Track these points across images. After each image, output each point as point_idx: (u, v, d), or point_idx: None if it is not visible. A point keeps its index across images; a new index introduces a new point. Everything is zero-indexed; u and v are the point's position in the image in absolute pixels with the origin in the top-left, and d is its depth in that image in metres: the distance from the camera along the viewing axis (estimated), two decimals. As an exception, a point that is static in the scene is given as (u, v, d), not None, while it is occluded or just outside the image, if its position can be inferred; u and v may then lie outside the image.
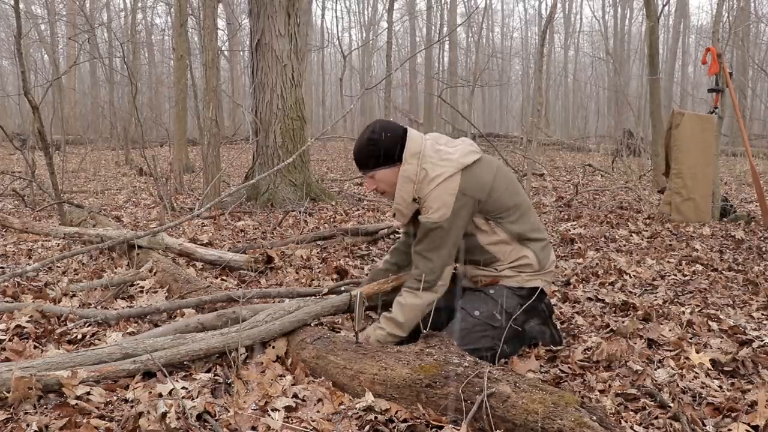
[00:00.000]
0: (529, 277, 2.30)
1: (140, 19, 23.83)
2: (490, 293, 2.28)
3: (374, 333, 2.31)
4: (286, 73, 6.29)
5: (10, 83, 26.02)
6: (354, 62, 28.96)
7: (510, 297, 2.27)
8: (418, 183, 2.19)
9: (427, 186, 2.17)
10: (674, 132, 5.53)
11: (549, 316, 2.50)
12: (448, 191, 2.16)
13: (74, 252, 3.59)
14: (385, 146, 2.23)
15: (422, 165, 2.19)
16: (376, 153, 2.24)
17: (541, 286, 2.32)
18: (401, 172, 2.21)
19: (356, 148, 2.31)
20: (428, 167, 2.19)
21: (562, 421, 1.48)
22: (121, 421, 1.71)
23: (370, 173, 2.28)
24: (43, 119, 4.82)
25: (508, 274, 2.30)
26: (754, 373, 2.16)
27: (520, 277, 2.30)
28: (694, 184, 5.47)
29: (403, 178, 2.21)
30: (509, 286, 2.29)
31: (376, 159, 2.24)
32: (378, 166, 2.25)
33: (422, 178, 2.18)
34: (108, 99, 16.31)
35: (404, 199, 2.23)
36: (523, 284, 2.29)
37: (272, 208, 6.06)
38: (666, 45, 27.46)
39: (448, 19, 25.00)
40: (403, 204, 2.24)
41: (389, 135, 2.24)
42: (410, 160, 2.20)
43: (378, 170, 2.26)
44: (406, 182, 2.20)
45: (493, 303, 2.25)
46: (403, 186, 2.21)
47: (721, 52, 5.52)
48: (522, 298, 2.27)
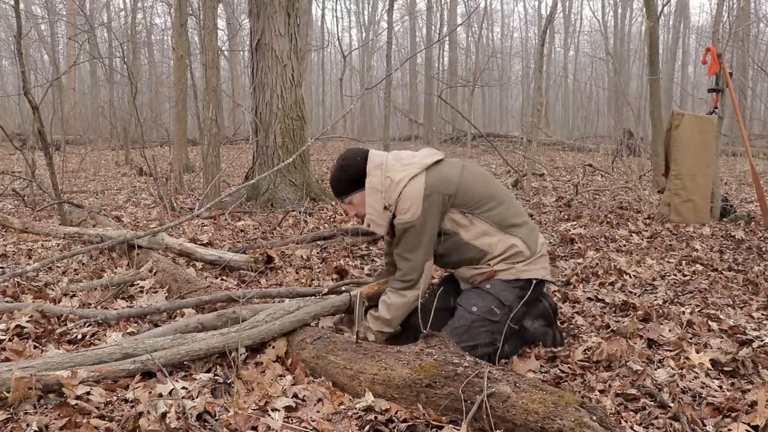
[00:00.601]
0: (524, 267, 2.31)
1: (140, 19, 23.83)
2: (486, 288, 2.29)
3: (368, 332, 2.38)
4: (286, 73, 6.28)
5: (10, 83, 26.02)
6: (354, 62, 28.97)
7: (506, 290, 2.28)
8: (385, 191, 2.27)
9: (395, 191, 2.26)
10: (674, 133, 5.52)
11: (554, 317, 2.50)
12: (416, 191, 2.24)
13: (74, 252, 3.59)
14: (356, 170, 2.33)
15: (386, 174, 2.29)
16: (349, 178, 2.34)
17: (537, 277, 2.32)
18: (367, 184, 2.30)
19: (331, 179, 2.41)
20: (392, 174, 2.28)
21: (562, 421, 1.48)
22: (121, 421, 1.71)
23: (347, 198, 2.38)
24: (43, 119, 4.82)
25: (501, 267, 2.31)
26: (754, 373, 2.16)
27: (514, 268, 2.31)
28: (694, 185, 5.47)
29: (370, 190, 2.30)
30: (505, 279, 2.30)
31: (349, 184, 2.35)
32: (353, 190, 2.35)
33: (388, 185, 2.27)
34: (108, 99, 16.30)
35: (375, 208, 2.30)
36: (519, 275, 2.30)
37: (272, 208, 6.06)
38: (666, 45, 27.45)
39: (448, 19, 25.01)
40: (375, 214, 2.31)
41: (358, 159, 2.35)
42: (374, 172, 2.30)
43: (354, 194, 2.36)
44: (373, 193, 2.29)
45: (490, 298, 2.26)
46: (371, 196, 2.30)
47: (721, 52, 5.52)
48: (520, 289, 2.28)
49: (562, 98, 32.25)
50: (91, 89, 23.70)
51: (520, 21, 45.50)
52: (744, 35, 17.20)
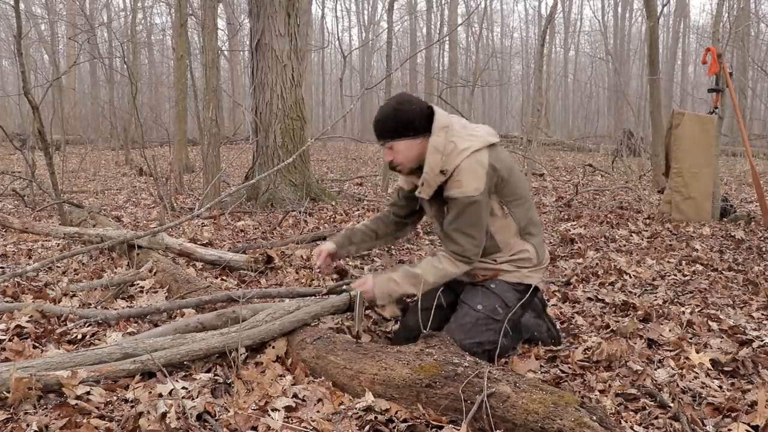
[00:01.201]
0: (529, 272, 2.32)
1: (140, 19, 23.83)
2: (491, 287, 2.29)
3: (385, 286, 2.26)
4: (286, 73, 6.28)
5: (10, 83, 26.02)
6: (354, 62, 28.96)
7: (510, 291, 2.28)
8: (446, 155, 2.19)
9: (456, 158, 2.18)
10: (674, 132, 5.53)
11: (543, 309, 2.52)
12: (480, 165, 2.17)
13: (74, 252, 3.58)
14: (409, 118, 2.24)
15: (450, 138, 2.20)
16: (399, 123, 2.24)
17: (536, 283, 2.34)
18: (430, 143, 2.21)
19: (378, 117, 2.29)
20: (456, 140, 2.20)
21: (562, 421, 1.48)
22: (121, 421, 1.71)
23: (390, 143, 2.27)
24: (43, 119, 4.82)
25: (507, 268, 2.30)
26: (754, 373, 2.16)
27: (519, 272, 2.30)
28: (695, 183, 5.47)
29: (432, 149, 2.21)
30: (509, 281, 2.30)
31: (397, 129, 2.25)
32: (399, 136, 2.25)
33: (450, 150, 2.19)
34: (108, 99, 16.30)
35: (432, 169, 2.22)
36: (522, 280, 2.30)
37: (272, 208, 6.05)
38: (666, 45, 27.46)
39: (448, 19, 25.01)
40: (431, 174, 2.23)
41: (414, 107, 2.26)
42: (439, 132, 2.21)
43: (398, 141, 2.26)
44: (434, 153, 2.21)
45: (495, 297, 2.26)
46: (431, 156, 2.21)
47: (721, 52, 5.52)
48: (520, 293, 2.29)
49: (562, 98, 32.25)
50: (91, 89, 23.70)
51: (520, 21, 45.51)
52: (744, 35, 17.20)
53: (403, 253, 4.23)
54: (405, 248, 4.41)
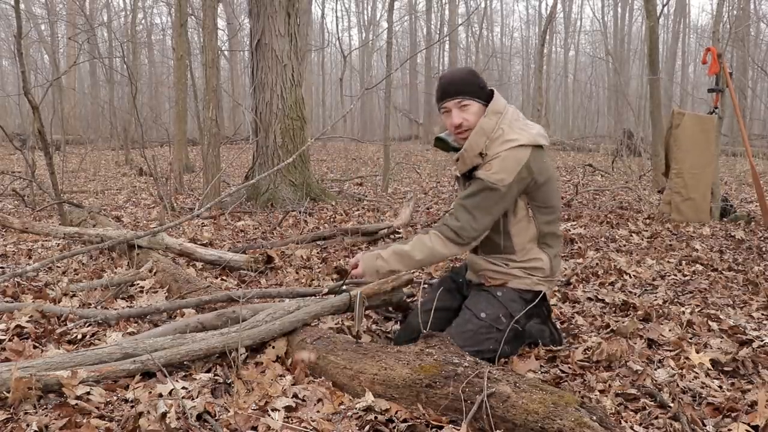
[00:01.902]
0: (539, 281, 2.29)
1: (140, 19, 23.83)
2: (497, 296, 2.26)
3: (371, 264, 2.26)
4: (286, 73, 6.28)
5: (10, 83, 26.02)
6: (354, 62, 28.96)
7: (516, 300, 2.25)
8: (491, 140, 2.18)
9: (500, 146, 2.16)
10: (674, 132, 5.53)
11: (548, 315, 2.50)
12: (517, 158, 2.14)
13: (74, 252, 3.59)
14: (483, 84, 2.25)
15: (500, 125, 2.19)
16: (478, 84, 2.23)
17: (545, 291, 2.32)
18: (480, 123, 2.20)
19: (455, 75, 2.26)
20: (505, 128, 2.19)
21: (562, 421, 1.48)
22: (121, 421, 1.71)
23: (467, 101, 2.22)
24: (43, 119, 4.82)
25: (518, 274, 2.28)
26: (754, 373, 2.16)
27: (530, 279, 2.28)
28: (694, 184, 5.47)
29: (479, 129, 2.19)
30: (517, 288, 2.27)
31: (475, 88, 2.23)
32: (476, 96, 2.23)
33: (497, 136, 2.18)
34: (108, 99, 16.30)
35: (473, 149, 2.21)
36: (532, 287, 2.28)
37: (272, 208, 6.05)
38: (666, 45, 27.46)
39: (448, 19, 25.02)
40: (470, 153, 2.21)
41: (483, 79, 2.27)
42: (491, 115, 2.20)
43: (475, 101, 2.23)
44: (480, 134, 2.19)
45: (499, 306, 2.23)
46: (476, 136, 2.20)
47: (721, 52, 5.52)
48: (526, 302, 2.27)
49: (562, 98, 32.25)
50: (91, 89, 23.70)
51: (520, 21, 45.52)
52: (744, 35, 17.19)
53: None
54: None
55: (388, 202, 6.82)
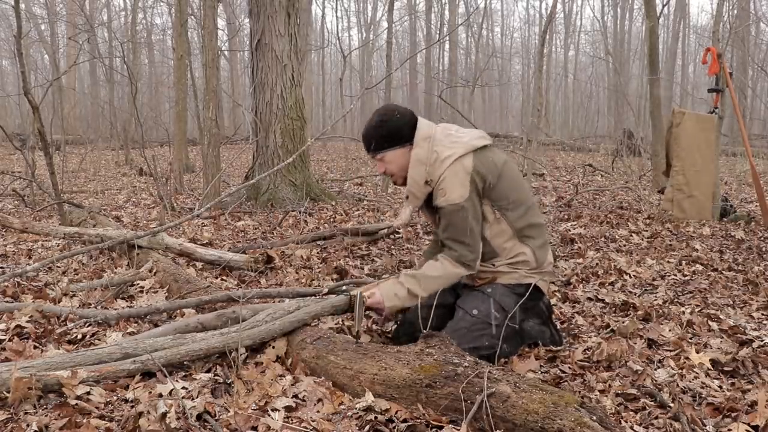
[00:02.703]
0: (527, 274, 2.31)
1: (140, 19, 23.83)
2: (487, 292, 2.28)
3: (389, 288, 2.26)
4: (286, 73, 6.28)
5: (10, 83, 26.02)
6: (354, 62, 28.96)
7: (507, 295, 2.27)
8: (430, 165, 2.21)
9: (440, 167, 2.19)
10: (675, 130, 5.54)
11: (549, 316, 2.50)
12: (463, 170, 2.18)
13: (74, 252, 3.59)
14: (395, 127, 2.26)
15: (433, 148, 2.22)
16: (386, 134, 2.27)
17: (535, 282, 2.32)
18: (413, 156, 2.23)
19: (366, 130, 2.32)
20: (439, 149, 2.21)
21: (562, 421, 1.48)
22: (121, 421, 1.71)
23: (380, 155, 2.30)
24: (43, 119, 4.82)
25: (504, 270, 2.30)
26: (754, 373, 2.16)
27: (517, 273, 2.30)
28: (696, 182, 5.48)
29: (414, 161, 2.23)
30: (506, 284, 2.29)
31: (385, 140, 2.27)
32: (388, 147, 2.27)
33: (434, 160, 2.21)
34: (108, 99, 16.30)
35: (416, 181, 2.24)
36: (520, 281, 2.30)
37: (272, 208, 6.05)
38: (666, 45, 27.46)
39: (448, 19, 25.02)
40: (416, 186, 2.25)
41: (398, 117, 2.28)
42: (421, 143, 2.23)
43: (388, 151, 2.28)
44: (417, 165, 2.23)
45: (491, 302, 2.25)
46: (414, 168, 2.23)
47: (721, 52, 5.52)
48: (519, 296, 2.27)
49: (562, 98, 32.25)
50: (91, 89, 23.70)
51: (520, 21, 45.53)
52: (744, 35, 17.20)
53: (403, 253, 4.23)
54: (405, 248, 4.41)
55: (388, 202, 6.82)
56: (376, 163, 2.37)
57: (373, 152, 2.32)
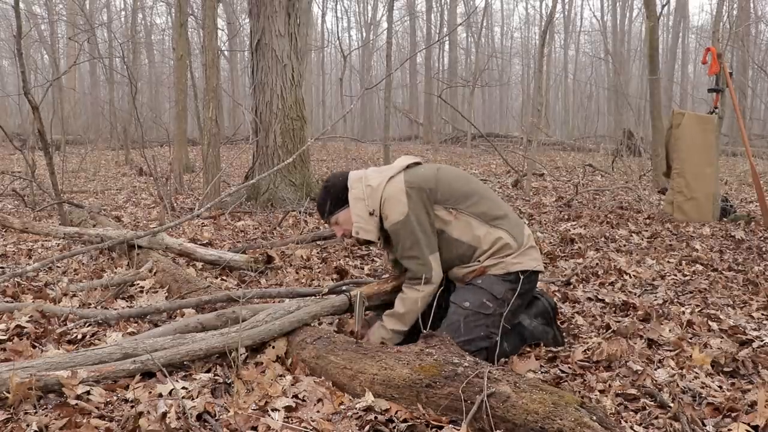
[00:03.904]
0: (513, 259, 2.31)
1: (140, 19, 23.83)
2: (477, 283, 2.30)
3: (377, 333, 2.36)
4: (286, 73, 6.28)
5: (10, 83, 26.02)
6: (354, 62, 28.95)
7: (497, 283, 2.28)
8: (368, 197, 2.33)
9: (376, 194, 2.32)
10: (675, 132, 5.53)
11: (553, 316, 2.50)
12: (397, 189, 2.30)
13: (74, 252, 3.59)
14: (338, 190, 2.42)
15: (366, 183, 2.36)
16: (330, 199, 2.42)
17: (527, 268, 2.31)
18: (351, 197, 2.38)
19: (317, 203, 2.50)
20: (371, 182, 2.36)
21: (562, 421, 1.48)
22: (121, 421, 1.71)
23: (333, 218, 2.45)
24: (43, 119, 4.81)
25: (491, 262, 2.32)
26: (754, 373, 2.16)
27: (503, 262, 2.31)
28: (696, 184, 5.47)
29: (353, 200, 2.37)
30: (495, 274, 2.31)
31: (332, 203, 2.42)
32: (336, 209, 2.42)
33: (369, 192, 2.34)
34: (108, 99, 16.29)
35: (361, 216, 2.35)
36: (509, 269, 2.30)
37: (272, 208, 6.05)
38: (666, 45, 27.46)
39: (448, 19, 25.01)
40: (362, 221, 2.35)
41: (339, 180, 2.44)
42: (355, 184, 2.39)
43: (337, 213, 2.42)
44: (357, 202, 2.36)
45: (482, 292, 2.27)
46: (355, 205, 2.36)
47: (721, 52, 5.52)
48: (511, 283, 2.28)
49: (562, 98, 32.25)
50: (91, 89, 23.69)
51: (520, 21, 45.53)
52: (744, 35, 17.19)
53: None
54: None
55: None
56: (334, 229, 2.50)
57: (327, 218, 2.47)
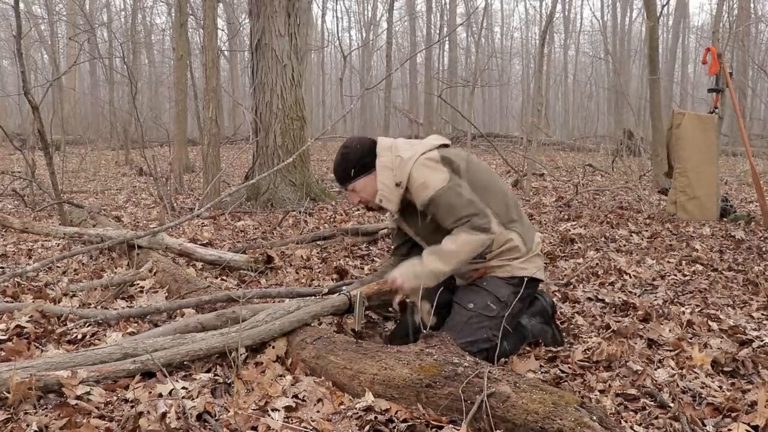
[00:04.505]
0: (519, 264, 2.31)
1: (140, 19, 23.82)
2: (482, 285, 2.30)
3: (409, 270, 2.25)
4: (286, 73, 6.28)
5: (10, 83, 26.02)
6: (354, 62, 28.95)
7: (502, 286, 2.28)
8: (396, 168, 2.27)
9: (406, 166, 2.25)
10: (675, 131, 5.54)
11: (552, 315, 2.50)
12: (431, 160, 2.24)
13: (74, 252, 3.59)
14: (358, 156, 2.33)
15: (396, 153, 2.29)
16: (351, 164, 2.34)
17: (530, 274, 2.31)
18: (378, 164, 2.30)
19: (334, 166, 2.41)
20: (402, 153, 2.29)
21: (562, 421, 1.48)
22: (121, 421, 1.71)
23: (350, 185, 2.37)
24: (43, 119, 4.82)
25: (497, 263, 2.30)
26: (754, 373, 2.16)
27: (509, 266, 2.30)
28: (699, 183, 5.48)
29: (381, 168, 2.30)
30: (500, 276, 2.30)
31: (351, 170, 2.34)
32: (355, 176, 2.34)
33: (399, 163, 2.27)
34: (108, 99, 16.29)
35: (386, 185, 2.29)
36: (514, 273, 2.30)
37: (272, 208, 6.05)
38: (666, 45, 27.46)
39: (448, 19, 25.02)
40: (387, 190, 2.29)
41: (360, 146, 2.36)
42: (384, 152, 2.31)
43: (356, 181, 2.35)
44: (384, 170, 2.29)
45: (485, 293, 2.26)
46: (382, 173, 2.29)
47: (721, 52, 5.52)
48: (514, 286, 2.28)
49: (562, 98, 32.25)
50: (91, 89, 23.69)
51: (520, 21, 45.51)
52: (744, 35, 17.19)
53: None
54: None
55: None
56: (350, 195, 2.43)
57: (344, 184, 2.39)
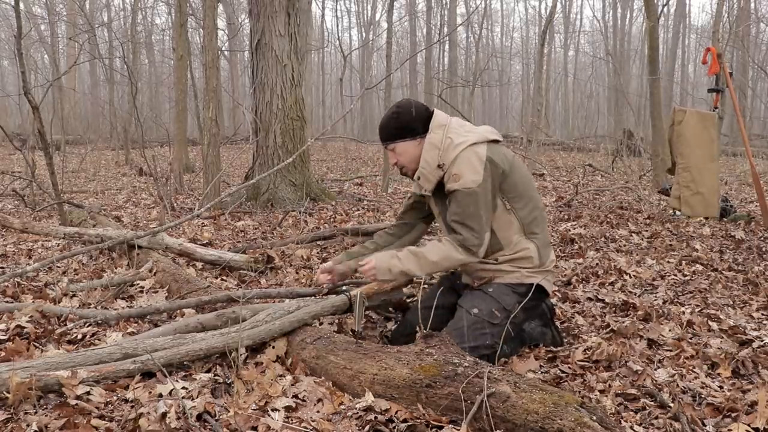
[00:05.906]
0: (529, 273, 2.30)
1: (140, 19, 23.82)
2: (488, 291, 2.28)
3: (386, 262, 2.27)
4: (286, 73, 6.28)
5: (10, 83, 26.03)
6: (354, 62, 28.95)
7: (508, 294, 2.27)
8: (443, 150, 2.26)
9: (453, 151, 2.23)
10: (677, 128, 5.56)
11: (551, 317, 2.49)
12: (477, 157, 2.22)
13: (74, 252, 3.59)
14: (408, 120, 2.32)
15: (447, 134, 2.27)
16: (398, 126, 2.33)
17: (538, 281, 2.31)
18: (427, 140, 2.29)
19: (381, 123, 2.39)
20: (453, 136, 2.27)
21: (562, 421, 1.48)
22: (121, 421, 1.70)
23: (392, 145, 2.36)
24: (43, 119, 4.82)
25: (506, 268, 2.29)
26: (754, 373, 2.16)
27: (519, 272, 2.29)
28: (701, 178, 5.50)
29: (428, 145, 2.29)
30: (507, 283, 2.29)
31: (398, 131, 2.33)
32: (399, 138, 2.33)
33: (447, 145, 2.25)
34: (108, 99, 16.29)
35: (429, 163, 2.28)
36: (523, 280, 2.29)
37: (272, 208, 6.05)
38: (666, 45, 27.46)
39: (448, 19, 25.02)
40: (428, 169, 2.29)
41: (413, 110, 2.33)
42: (436, 129, 2.30)
43: (398, 142, 2.34)
44: (431, 148, 2.28)
45: (491, 300, 2.25)
46: (428, 152, 2.29)
47: (721, 52, 5.52)
48: (521, 295, 2.27)
49: (562, 98, 32.25)
50: (91, 89, 23.69)
51: (520, 21, 45.51)
52: (744, 35, 17.19)
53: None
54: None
55: (388, 202, 6.82)
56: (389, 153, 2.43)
57: (385, 142, 2.38)
